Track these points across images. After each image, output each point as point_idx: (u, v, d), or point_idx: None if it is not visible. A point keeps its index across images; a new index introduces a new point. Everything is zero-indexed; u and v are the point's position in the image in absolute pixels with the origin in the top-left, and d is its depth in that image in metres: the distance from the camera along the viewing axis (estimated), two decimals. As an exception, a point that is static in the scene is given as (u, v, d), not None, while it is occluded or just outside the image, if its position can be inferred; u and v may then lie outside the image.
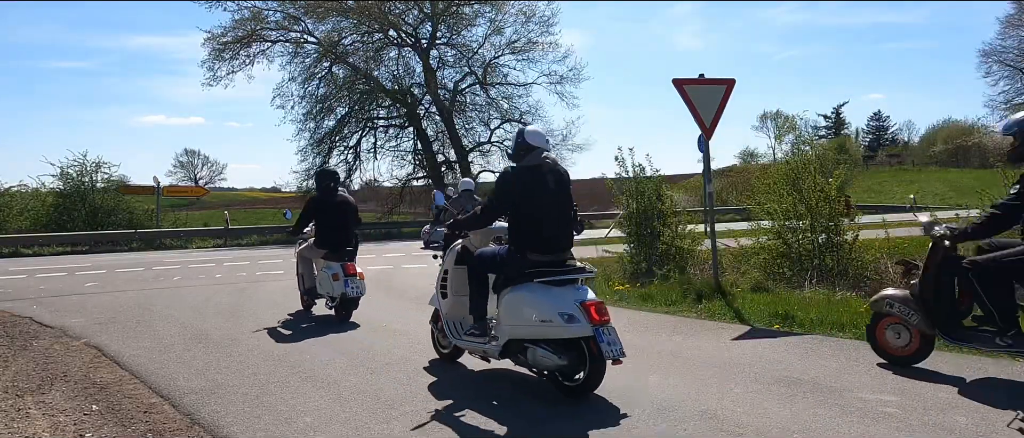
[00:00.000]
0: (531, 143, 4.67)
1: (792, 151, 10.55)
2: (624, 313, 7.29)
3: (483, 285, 4.88)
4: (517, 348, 4.53)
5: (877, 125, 63.48)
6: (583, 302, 4.25)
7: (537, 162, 4.67)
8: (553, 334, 4.30)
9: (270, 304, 8.79)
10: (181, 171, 74.33)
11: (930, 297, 4.67)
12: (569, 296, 4.32)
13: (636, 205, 10.18)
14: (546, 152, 4.74)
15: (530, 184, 4.60)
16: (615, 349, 4.21)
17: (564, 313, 4.24)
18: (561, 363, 4.28)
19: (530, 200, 4.58)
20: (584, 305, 4.24)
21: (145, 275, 12.82)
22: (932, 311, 4.65)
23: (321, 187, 7.82)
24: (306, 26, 30.15)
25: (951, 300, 4.65)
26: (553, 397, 4.39)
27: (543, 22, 30.90)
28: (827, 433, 3.65)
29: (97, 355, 5.96)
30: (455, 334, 5.08)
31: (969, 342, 4.62)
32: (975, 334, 4.63)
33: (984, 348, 4.61)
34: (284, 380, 4.96)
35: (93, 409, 4.39)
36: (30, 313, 8.23)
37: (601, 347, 4.16)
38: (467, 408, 4.21)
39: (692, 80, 8.39)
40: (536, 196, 4.59)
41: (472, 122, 32.22)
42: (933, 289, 4.67)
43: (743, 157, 49.03)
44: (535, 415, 4.10)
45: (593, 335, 4.17)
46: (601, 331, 4.19)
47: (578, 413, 4.09)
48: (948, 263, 4.65)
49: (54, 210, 23.91)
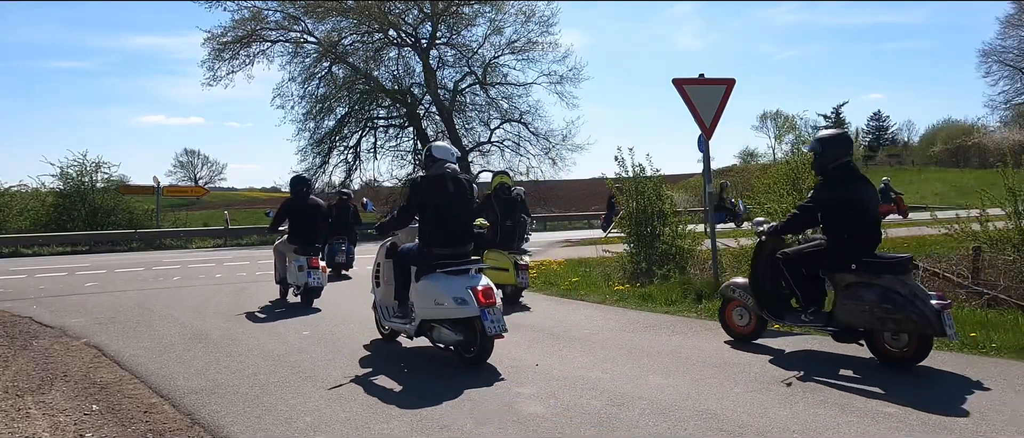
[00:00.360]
0: (437, 156, 5.61)
1: (792, 151, 10.55)
2: (624, 313, 7.29)
3: (405, 275, 5.70)
4: (427, 328, 5.41)
5: (877, 125, 63.44)
6: (473, 287, 5.13)
7: (441, 172, 5.54)
8: (450, 314, 5.16)
9: (270, 304, 8.79)
10: (181, 171, 74.41)
11: (758, 283, 5.64)
12: (462, 283, 5.21)
13: (636, 205, 10.18)
14: (449, 164, 5.61)
15: (434, 190, 5.50)
16: (498, 326, 5.07)
17: (457, 297, 5.11)
18: (458, 338, 5.20)
19: (434, 204, 5.47)
20: (473, 290, 5.10)
21: (145, 275, 12.82)
22: (760, 295, 5.62)
23: (295, 191, 8.96)
24: (306, 26, 30.17)
25: (774, 285, 5.55)
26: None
27: (543, 22, 30.95)
28: (827, 433, 3.65)
29: (97, 355, 5.96)
30: (386, 317, 5.97)
31: (785, 319, 5.56)
32: (790, 312, 5.54)
33: (796, 323, 5.55)
34: (284, 380, 4.96)
35: (93, 409, 4.39)
36: (30, 313, 8.23)
37: (485, 324, 5.02)
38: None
39: (692, 80, 8.40)
40: (439, 200, 5.47)
41: (472, 122, 32.25)
42: (760, 276, 5.64)
43: (743, 157, 49.03)
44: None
45: (479, 315, 5.03)
46: (486, 311, 5.05)
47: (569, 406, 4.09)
48: (770, 255, 5.58)
49: (54, 210, 23.92)
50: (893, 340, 4.97)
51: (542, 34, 30.99)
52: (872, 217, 5.22)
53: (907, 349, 4.89)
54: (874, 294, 4.88)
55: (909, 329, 4.76)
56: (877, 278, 4.93)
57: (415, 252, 5.56)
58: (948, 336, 4.67)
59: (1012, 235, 7.56)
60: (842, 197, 5.14)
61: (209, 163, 77.42)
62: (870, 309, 4.88)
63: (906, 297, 4.76)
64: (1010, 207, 7.54)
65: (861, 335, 5.12)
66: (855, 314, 4.99)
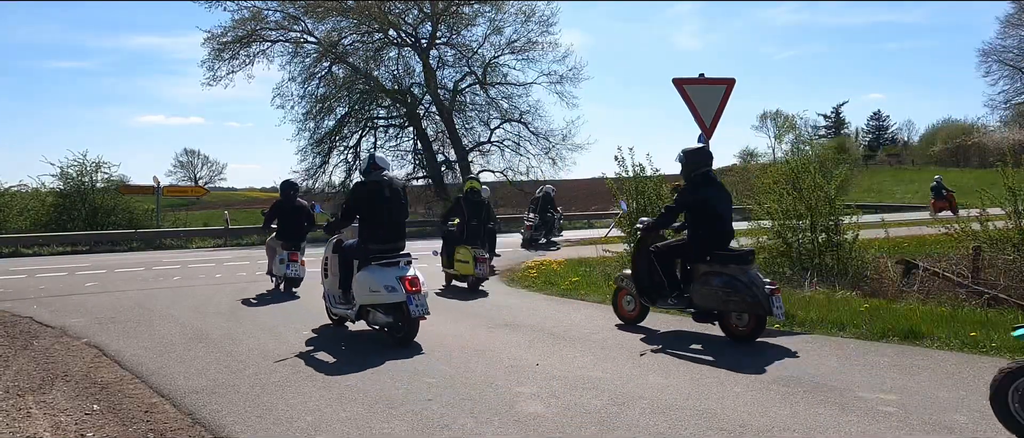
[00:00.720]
0: (379, 165, 6.43)
1: (792, 151, 10.56)
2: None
3: (348, 268, 6.49)
4: (365, 312, 6.24)
5: (877, 125, 63.44)
6: (402, 277, 5.97)
7: (378, 178, 6.33)
8: (382, 300, 5.98)
9: (271, 304, 8.79)
10: (181, 171, 74.33)
11: (637, 273, 6.59)
12: (393, 274, 6.02)
13: (636, 204, 10.18)
14: (386, 172, 6.45)
15: (371, 194, 6.29)
16: (421, 309, 5.95)
17: (388, 285, 5.94)
18: (389, 320, 6.04)
19: (370, 206, 6.27)
20: (401, 279, 5.95)
21: (145, 275, 12.82)
22: (638, 283, 6.55)
23: (284, 194, 10.22)
24: (306, 26, 30.15)
25: (649, 275, 6.47)
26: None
27: (543, 22, 30.93)
28: (827, 432, 3.66)
29: (98, 355, 5.96)
30: (332, 304, 6.75)
31: (657, 303, 6.48)
32: (661, 298, 6.43)
33: (665, 306, 6.47)
34: (285, 380, 4.96)
35: (94, 409, 4.40)
36: (30, 313, 8.23)
37: (410, 308, 5.89)
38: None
39: (692, 80, 8.39)
40: (375, 203, 6.27)
41: (472, 122, 32.23)
42: (638, 267, 6.58)
43: (743, 157, 49.00)
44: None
45: (405, 300, 5.87)
46: (412, 297, 5.90)
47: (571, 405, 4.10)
48: (645, 249, 6.55)
49: (54, 210, 23.88)
50: (738, 320, 5.91)
51: (542, 34, 31.00)
52: (723, 218, 6.14)
53: (747, 327, 5.84)
54: (721, 281, 5.84)
55: (746, 309, 5.76)
56: (725, 268, 5.88)
57: (355, 247, 6.41)
58: (775, 315, 5.69)
59: (1012, 235, 7.57)
60: (699, 200, 6.14)
61: (209, 163, 77.43)
62: (717, 293, 5.85)
63: (745, 284, 5.70)
64: (1010, 207, 7.55)
65: (715, 316, 6.08)
66: (707, 298, 5.96)
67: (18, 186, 25.39)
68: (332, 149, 31.18)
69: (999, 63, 43.99)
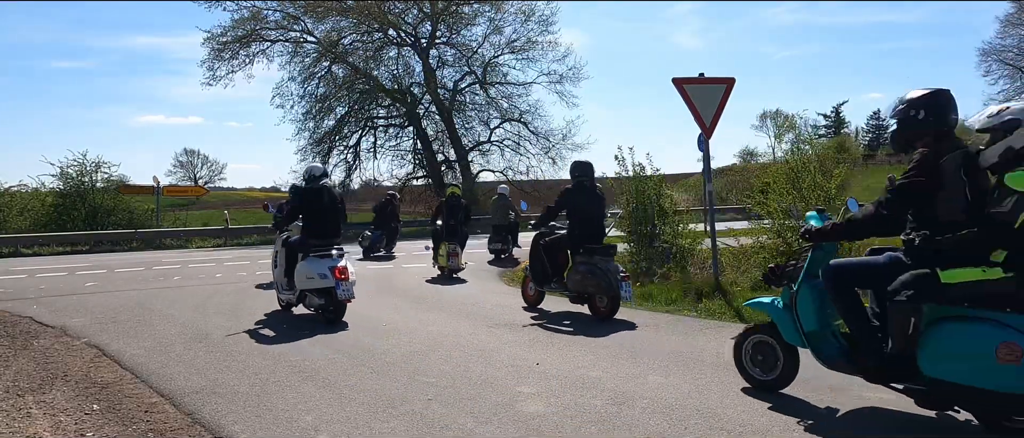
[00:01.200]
0: (316, 174, 7.70)
1: (792, 150, 10.56)
2: (624, 312, 7.29)
3: (292, 259, 7.67)
4: (303, 296, 7.43)
5: (876, 124, 63.39)
6: (332, 267, 7.06)
7: (318, 185, 7.60)
8: (316, 285, 7.14)
9: (270, 304, 8.79)
10: (181, 171, 74.17)
11: (530, 262, 8.00)
12: (326, 264, 7.14)
13: (636, 204, 10.18)
14: (325, 180, 7.83)
15: (312, 197, 7.52)
16: (346, 293, 7.03)
17: (320, 273, 7.09)
18: (321, 302, 7.18)
19: (310, 208, 7.51)
20: (332, 269, 7.04)
21: (145, 275, 12.82)
22: (533, 271, 7.93)
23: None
24: (305, 25, 30.18)
25: (541, 264, 7.78)
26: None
27: (542, 21, 30.99)
28: (828, 432, 3.65)
29: (98, 355, 5.95)
30: (280, 291, 7.98)
31: (544, 287, 7.83)
32: (547, 282, 7.75)
33: (549, 290, 7.81)
34: (284, 379, 4.96)
35: (94, 409, 4.39)
36: (30, 313, 8.23)
37: (337, 292, 6.99)
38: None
39: (692, 79, 8.40)
40: (314, 206, 7.51)
41: (472, 121, 32.28)
42: (532, 257, 7.96)
43: (743, 156, 49.00)
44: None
45: (334, 286, 6.99)
46: (339, 283, 7.00)
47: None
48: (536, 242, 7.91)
49: (54, 210, 23.89)
50: (600, 301, 7.14)
51: (542, 33, 31.07)
52: (591, 218, 7.52)
53: (606, 308, 7.10)
54: (585, 268, 7.17)
55: (602, 292, 7.06)
56: (590, 258, 7.19)
57: (298, 242, 7.59)
58: (624, 298, 7.00)
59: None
60: (571, 203, 7.55)
61: (209, 163, 77.24)
62: (583, 279, 7.17)
63: (603, 271, 7.03)
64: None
65: (585, 298, 7.34)
66: (577, 282, 7.26)
67: (18, 186, 25.45)
68: (332, 149, 31.23)
69: (999, 63, 43.97)
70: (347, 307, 7.21)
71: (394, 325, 7.08)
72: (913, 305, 3.33)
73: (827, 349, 4.01)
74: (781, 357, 4.28)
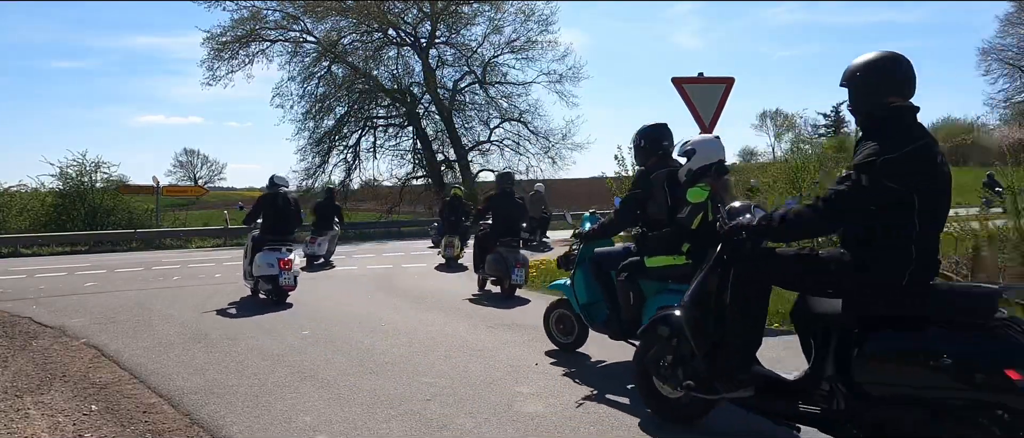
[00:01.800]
0: (276, 182, 9.37)
1: (792, 150, 10.57)
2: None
3: (254, 252, 8.94)
4: (258, 282, 8.86)
5: (876, 124, 63.34)
6: (280, 258, 8.58)
7: (276, 191, 9.26)
8: (266, 273, 8.59)
9: (270, 304, 8.78)
10: (181, 171, 74.15)
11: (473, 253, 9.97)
12: (275, 256, 8.64)
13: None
14: (283, 187, 9.45)
15: (270, 201, 9.18)
16: (289, 281, 8.54)
17: (269, 263, 8.58)
18: (269, 287, 8.64)
19: (268, 210, 9.16)
20: (279, 260, 8.56)
21: (145, 275, 12.81)
22: (474, 262, 9.84)
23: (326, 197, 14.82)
24: (305, 25, 30.12)
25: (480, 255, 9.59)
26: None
27: (542, 21, 30.92)
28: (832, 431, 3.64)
29: (96, 355, 5.94)
30: (245, 278, 9.44)
31: (478, 271, 9.65)
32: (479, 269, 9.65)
33: (480, 274, 9.63)
34: (284, 380, 4.95)
35: (92, 409, 4.39)
36: (29, 313, 8.21)
37: (280, 279, 8.49)
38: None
39: (691, 79, 8.38)
40: (270, 208, 9.16)
41: (472, 121, 32.20)
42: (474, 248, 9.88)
43: (743, 156, 49.03)
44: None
45: (278, 274, 8.49)
46: (282, 272, 8.49)
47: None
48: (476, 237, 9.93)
49: (53, 210, 23.84)
50: (504, 282, 8.91)
51: (541, 33, 30.99)
52: (508, 218, 9.33)
53: (508, 289, 8.90)
54: (495, 257, 9.05)
55: (501, 275, 8.95)
56: (499, 248, 9.05)
57: (257, 238, 9.05)
58: (514, 281, 8.76)
59: (1012, 234, 7.55)
60: (495, 204, 9.50)
61: (209, 163, 77.21)
62: (492, 264, 9.07)
63: (503, 257, 8.92)
64: (1010, 206, 7.54)
65: (497, 281, 9.11)
66: (491, 267, 9.11)
67: (18, 186, 25.38)
68: (331, 149, 31.16)
69: (999, 62, 43.94)
70: (289, 294, 8.64)
71: (393, 325, 7.07)
72: (628, 282, 4.69)
73: (594, 316, 5.20)
74: (575, 325, 5.58)
